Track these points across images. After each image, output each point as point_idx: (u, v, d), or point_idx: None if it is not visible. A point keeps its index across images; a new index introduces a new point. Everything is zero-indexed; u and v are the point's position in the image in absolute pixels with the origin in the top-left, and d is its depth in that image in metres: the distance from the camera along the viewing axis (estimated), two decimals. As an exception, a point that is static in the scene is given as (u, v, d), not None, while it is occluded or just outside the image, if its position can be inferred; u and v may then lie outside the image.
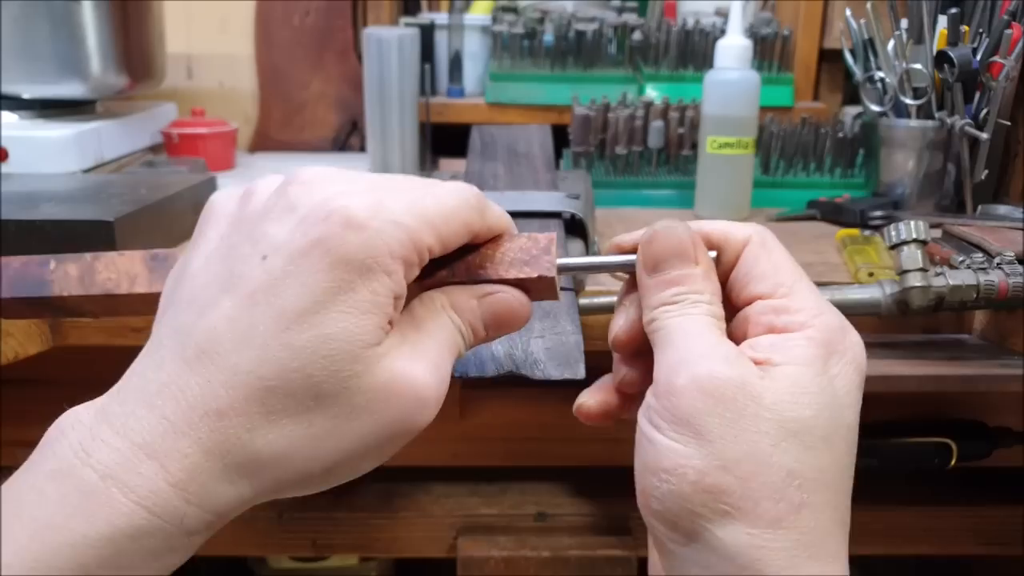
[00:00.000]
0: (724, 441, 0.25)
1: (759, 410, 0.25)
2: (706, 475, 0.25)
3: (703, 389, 0.25)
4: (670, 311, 0.28)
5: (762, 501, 0.25)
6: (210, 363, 0.24)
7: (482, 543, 0.70)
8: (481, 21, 1.03)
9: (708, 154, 0.78)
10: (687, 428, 0.25)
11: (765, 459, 0.25)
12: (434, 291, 0.28)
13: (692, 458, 0.25)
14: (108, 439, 0.23)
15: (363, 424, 0.25)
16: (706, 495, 0.25)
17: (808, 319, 0.27)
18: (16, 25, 0.78)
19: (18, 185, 0.67)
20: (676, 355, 0.27)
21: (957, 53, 0.72)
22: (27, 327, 0.54)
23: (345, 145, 1.12)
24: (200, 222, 0.27)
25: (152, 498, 0.23)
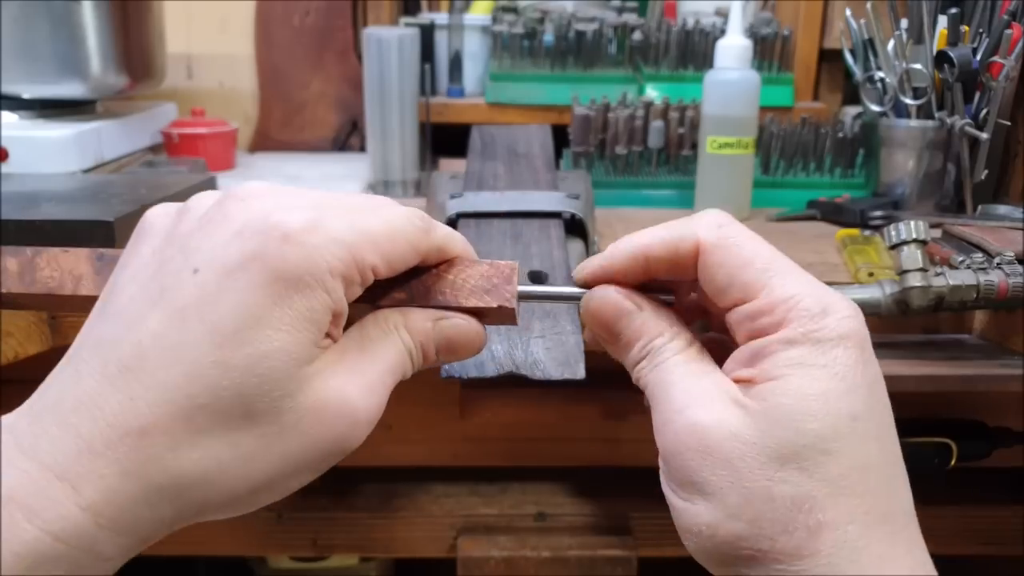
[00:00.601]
0: (723, 492, 0.25)
1: (746, 450, 0.25)
2: (718, 529, 0.25)
3: (690, 446, 0.26)
4: (644, 367, 0.28)
5: (777, 537, 0.25)
6: (134, 379, 0.23)
7: (482, 543, 0.70)
8: (481, 21, 1.03)
9: (708, 154, 0.78)
10: (690, 488, 0.26)
11: (765, 496, 0.25)
12: (390, 310, 0.28)
13: (702, 516, 0.26)
14: (14, 459, 0.22)
15: (292, 444, 0.24)
16: (726, 546, 0.25)
17: (784, 314, 0.25)
18: (16, 25, 0.78)
19: (18, 185, 0.67)
20: (661, 416, 0.27)
21: (957, 53, 0.72)
22: (27, 327, 0.54)
23: (345, 145, 1.12)
24: (133, 236, 0.26)
25: (60, 523, 0.22)
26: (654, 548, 0.72)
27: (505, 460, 0.74)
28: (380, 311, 0.28)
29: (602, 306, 0.29)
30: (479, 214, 0.61)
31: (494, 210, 0.61)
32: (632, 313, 0.28)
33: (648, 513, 0.73)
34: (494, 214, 0.61)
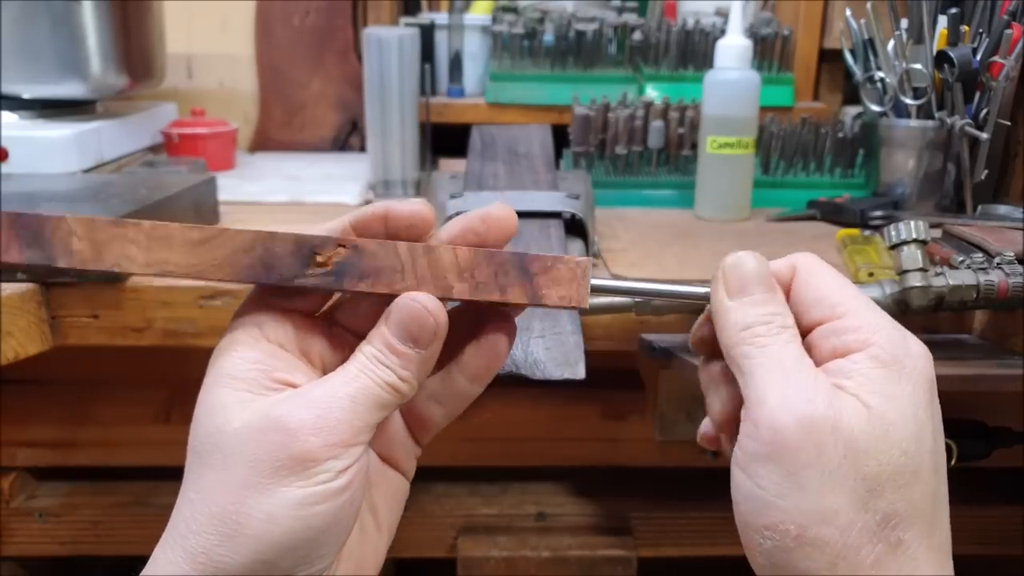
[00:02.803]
0: (823, 492, 0.25)
1: (858, 456, 0.25)
2: (807, 529, 0.25)
3: (809, 435, 0.26)
4: (759, 334, 0.28)
5: (862, 548, 0.25)
6: None
7: (482, 543, 0.70)
8: (481, 21, 1.03)
9: (708, 154, 0.78)
10: (789, 480, 0.26)
11: (863, 506, 0.25)
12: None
13: (792, 513, 0.25)
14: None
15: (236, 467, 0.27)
16: (809, 548, 0.25)
17: (869, 336, 0.27)
18: (16, 25, 0.78)
19: (18, 185, 0.67)
20: (775, 389, 0.26)
21: (957, 53, 0.72)
22: (27, 327, 0.54)
23: (345, 145, 1.12)
24: None
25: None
26: (654, 548, 0.72)
27: (505, 460, 0.74)
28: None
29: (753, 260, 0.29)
30: (479, 214, 0.61)
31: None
32: (773, 286, 0.29)
33: (648, 513, 0.73)
34: (494, 214, 0.61)
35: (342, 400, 0.27)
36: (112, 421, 0.70)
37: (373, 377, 0.28)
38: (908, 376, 0.27)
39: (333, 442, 0.27)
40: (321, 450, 0.27)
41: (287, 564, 0.27)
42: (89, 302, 0.55)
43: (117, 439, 0.70)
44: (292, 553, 0.27)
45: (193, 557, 0.27)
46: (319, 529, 0.27)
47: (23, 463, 0.71)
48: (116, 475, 0.73)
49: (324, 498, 0.27)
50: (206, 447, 0.28)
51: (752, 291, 0.29)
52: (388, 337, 0.29)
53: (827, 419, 0.26)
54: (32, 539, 0.71)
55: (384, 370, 0.28)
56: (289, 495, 0.26)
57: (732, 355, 0.28)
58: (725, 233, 0.74)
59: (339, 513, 0.28)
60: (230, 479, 0.27)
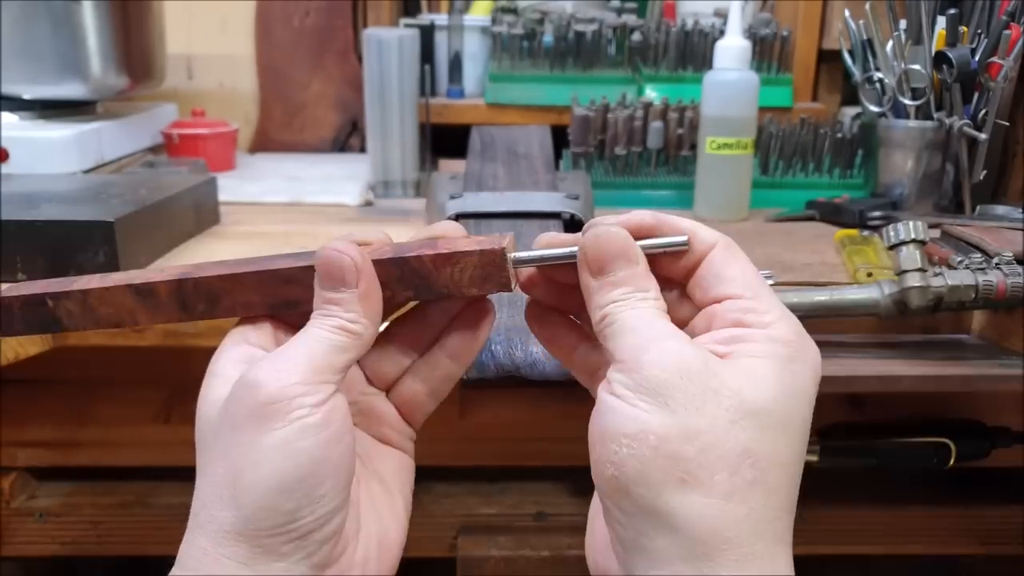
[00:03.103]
0: (687, 412, 0.26)
1: (720, 387, 0.26)
2: (667, 441, 0.26)
3: (671, 363, 0.27)
4: (621, 306, 0.29)
5: (717, 473, 0.26)
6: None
7: (482, 543, 0.70)
8: (481, 22, 1.03)
9: (707, 154, 0.78)
10: (654, 397, 0.26)
11: (723, 433, 0.26)
12: None
13: (655, 425, 0.26)
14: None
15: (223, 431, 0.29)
16: (665, 460, 0.26)
17: (773, 320, 0.28)
18: (16, 25, 0.78)
19: (18, 186, 0.67)
20: (641, 336, 0.28)
21: (956, 54, 0.72)
22: (28, 327, 0.54)
23: (345, 145, 1.12)
24: None
25: None
26: (653, 548, 0.72)
27: (505, 460, 0.74)
28: None
29: (611, 237, 0.30)
30: (479, 215, 0.61)
31: (493, 211, 0.61)
32: (634, 259, 0.30)
33: (647, 513, 0.73)
34: (493, 215, 0.61)
35: (297, 348, 0.30)
36: (112, 421, 0.70)
37: (322, 326, 0.31)
38: (798, 361, 0.28)
39: (295, 381, 0.29)
40: (285, 390, 0.28)
41: (288, 507, 0.28)
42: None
43: (117, 439, 0.70)
44: (288, 494, 0.28)
45: (204, 529, 0.29)
46: (307, 467, 0.28)
47: (23, 463, 0.71)
48: (116, 475, 0.73)
49: (303, 434, 0.28)
50: (201, 435, 0.30)
51: (614, 269, 0.30)
52: (321, 292, 0.31)
53: (697, 356, 0.27)
54: (32, 539, 0.71)
55: (329, 318, 0.31)
56: (269, 439, 0.28)
57: (598, 329, 0.30)
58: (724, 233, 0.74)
59: (325, 449, 0.29)
60: (220, 448, 0.29)
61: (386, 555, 0.33)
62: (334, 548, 0.30)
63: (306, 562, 0.29)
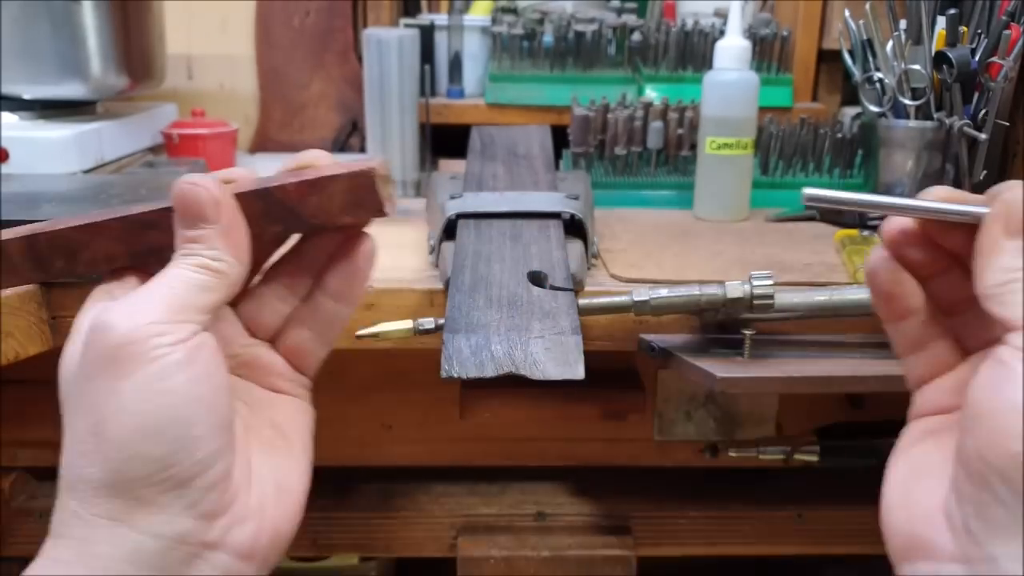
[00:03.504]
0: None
1: None
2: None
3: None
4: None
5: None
6: None
7: (482, 543, 0.70)
8: (481, 22, 1.03)
9: (707, 155, 0.78)
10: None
11: None
12: None
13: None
14: None
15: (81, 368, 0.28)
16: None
17: None
18: (16, 25, 0.78)
19: (18, 186, 0.67)
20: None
21: (956, 54, 0.72)
22: (27, 327, 0.54)
23: (345, 146, 1.12)
24: None
25: None
26: (653, 548, 0.72)
27: (505, 460, 0.74)
28: None
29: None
30: (479, 215, 0.61)
31: (493, 211, 0.61)
32: None
33: (647, 513, 0.73)
34: (493, 215, 0.61)
35: (153, 289, 0.28)
36: (112, 421, 0.70)
37: (182, 265, 0.29)
38: None
39: (149, 320, 0.27)
40: (137, 330, 0.27)
41: (158, 452, 0.27)
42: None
43: (117, 439, 0.70)
44: (156, 439, 0.27)
45: (74, 490, 0.27)
46: (174, 408, 0.27)
47: (23, 463, 0.71)
48: (116, 475, 0.73)
49: (164, 374, 0.27)
50: (63, 394, 0.29)
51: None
52: (181, 232, 0.29)
53: None
54: (32, 539, 0.71)
55: (191, 256, 0.29)
56: (128, 384, 0.27)
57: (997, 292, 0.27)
58: (724, 233, 0.74)
59: (192, 388, 0.27)
60: (79, 401, 0.28)
61: (286, 500, 0.32)
62: (222, 495, 0.28)
63: (190, 512, 0.27)
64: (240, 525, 0.29)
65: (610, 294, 0.53)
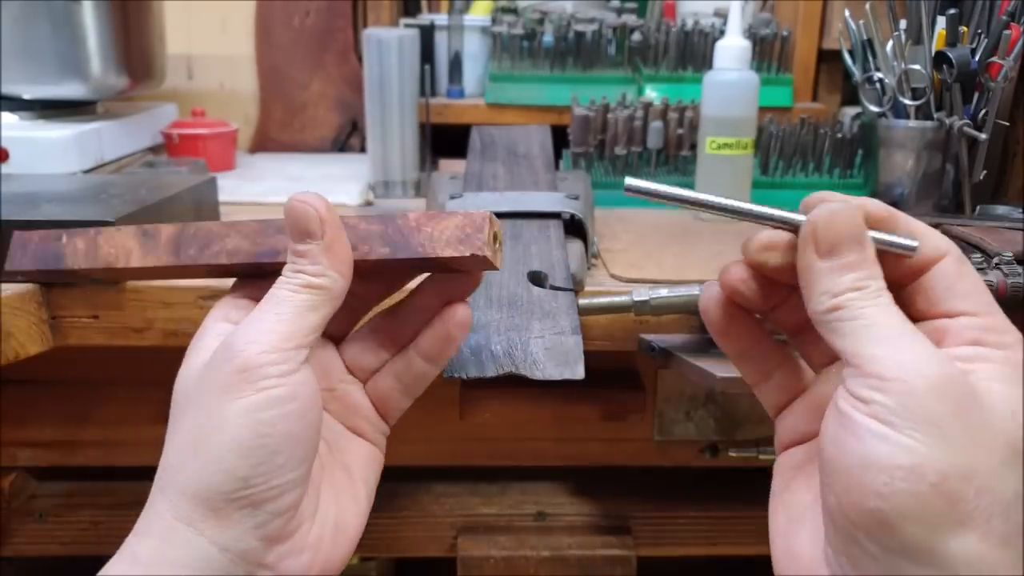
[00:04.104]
0: (965, 449, 0.24)
1: (991, 422, 0.25)
2: (947, 479, 0.24)
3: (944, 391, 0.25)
4: (858, 298, 0.26)
5: (994, 518, 0.24)
6: None
7: (482, 543, 0.70)
8: (481, 22, 1.03)
9: (707, 155, 0.78)
10: (931, 429, 0.24)
11: (997, 474, 0.24)
12: None
13: (934, 460, 0.24)
14: None
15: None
16: (944, 500, 0.24)
17: (1013, 342, 0.27)
18: (16, 25, 0.78)
19: (18, 186, 0.67)
20: (898, 348, 0.25)
21: (956, 54, 0.72)
22: (27, 327, 0.54)
23: (345, 146, 1.12)
24: None
25: None
26: (653, 548, 0.72)
27: (505, 460, 0.74)
28: None
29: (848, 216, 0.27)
30: (479, 214, 0.61)
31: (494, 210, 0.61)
32: (867, 245, 0.27)
33: (647, 513, 0.73)
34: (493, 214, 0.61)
35: (266, 313, 0.30)
36: (112, 421, 0.70)
37: (288, 286, 0.31)
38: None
39: (265, 348, 0.29)
40: (257, 357, 0.29)
41: (243, 472, 0.29)
42: (89, 302, 0.56)
43: (117, 439, 0.70)
44: (244, 459, 0.29)
45: (165, 492, 0.30)
46: (269, 436, 0.29)
47: (23, 463, 0.71)
48: (116, 475, 0.73)
49: (269, 404, 0.29)
50: (176, 402, 0.32)
51: (845, 252, 0.27)
52: (292, 245, 0.32)
53: (965, 382, 0.25)
54: (32, 539, 0.71)
55: (296, 275, 0.31)
56: (238, 405, 0.29)
57: (825, 319, 0.27)
58: (724, 233, 0.74)
59: (288, 423, 0.29)
60: (191, 412, 0.30)
61: (341, 539, 0.33)
62: (287, 523, 0.30)
63: (256, 533, 0.29)
64: (296, 555, 0.31)
65: (610, 294, 0.53)
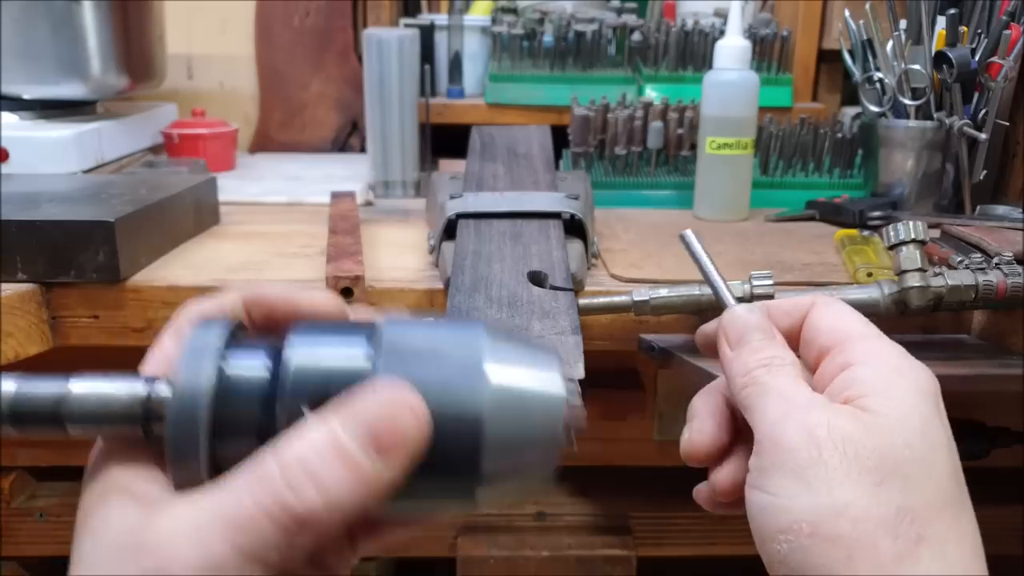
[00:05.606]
0: (831, 487, 0.26)
1: (859, 450, 0.26)
2: (820, 524, 0.25)
3: (807, 438, 0.27)
4: (760, 373, 0.30)
5: (880, 541, 0.25)
6: None
7: (482, 543, 0.70)
8: (481, 22, 1.03)
9: (707, 155, 0.78)
10: (796, 481, 0.26)
11: (872, 499, 0.26)
12: None
13: (805, 511, 0.26)
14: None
15: None
16: (826, 544, 0.25)
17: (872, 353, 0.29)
18: (16, 25, 0.78)
19: (18, 185, 0.67)
20: (775, 410, 0.28)
21: (956, 54, 0.72)
22: (27, 327, 0.54)
23: (345, 146, 1.12)
24: None
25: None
26: (653, 548, 0.72)
27: (505, 460, 0.74)
28: None
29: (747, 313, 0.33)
30: (479, 215, 0.61)
31: (494, 211, 0.61)
32: (770, 333, 0.32)
33: (647, 513, 0.73)
34: (494, 214, 0.61)
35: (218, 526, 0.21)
36: (112, 421, 0.70)
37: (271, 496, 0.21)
38: (909, 381, 0.29)
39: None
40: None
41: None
42: (89, 302, 0.56)
43: (117, 439, 0.70)
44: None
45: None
46: None
47: (23, 463, 0.71)
48: (116, 475, 0.73)
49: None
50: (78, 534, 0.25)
51: (750, 340, 0.31)
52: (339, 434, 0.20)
53: (822, 423, 0.27)
54: (32, 539, 0.71)
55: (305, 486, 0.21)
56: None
57: (739, 398, 0.30)
58: (724, 233, 0.74)
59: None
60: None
61: None
62: None
63: None
64: None
65: (610, 294, 0.53)
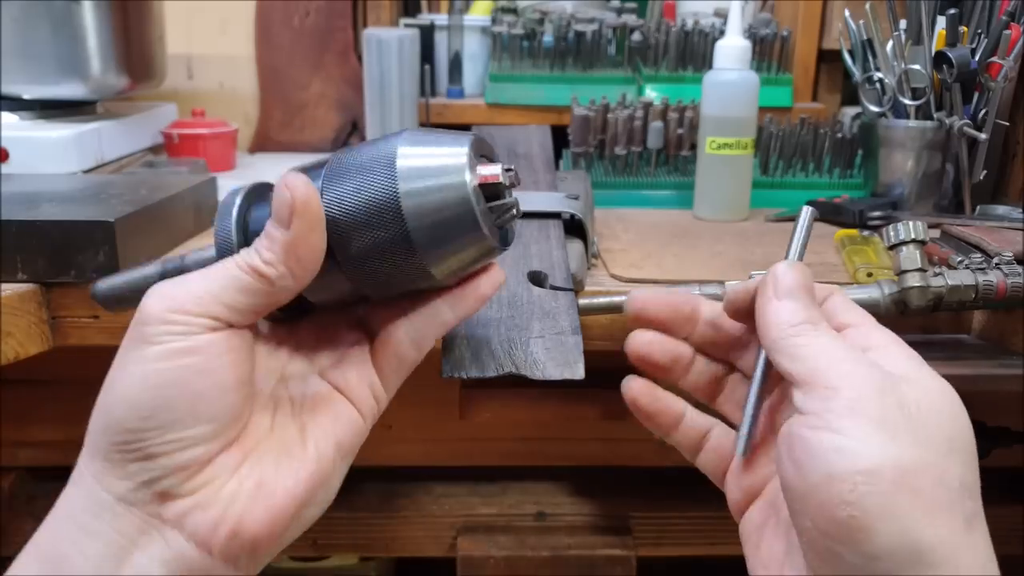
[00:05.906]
0: (915, 444, 0.26)
1: (930, 417, 0.27)
2: (905, 474, 0.25)
3: (885, 393, 0.27)
4: (809, 331, 0.30)
5: (954, 505, 0.26)
6: None
7: (482, 543, 0.70)
8: (481, 22, 1.03)
9: (707, 155, 0.78)
10: (879, 430, 0.26)
11: (946, 465, 0.26)
12: None
13: (889, 458, 0.25)
14: None
15: None
16: (907, 495, 0.25)
17: (883, 341, 0.31)
18: (16, 25, 0.78)
19: (18, 185, 0.67)
20: (845, 358, 0.28)
21: (956, 54, 0.72)
22: (27, 327, 0.54)
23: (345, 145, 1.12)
24: None
25: None
26: (653, 548, 0.72)
27: (505, 460, 0.74)
28: None
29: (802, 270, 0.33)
30: (479, 214, 0.61)
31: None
32: (813, 291, 0.34)
33: (647, 513, 0.73)
34: (494, 214, 0.61)
35: (195, 277, 0.29)
36: (112, 421, 0.70)
37: (237, 260, 0.29)
38: (928, 368, 0.30)
39: (170, 307, 0.28)
40: (159, 314, 0.28)
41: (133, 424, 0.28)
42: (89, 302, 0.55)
43: (117, 439, 0.70)
44: (134, 412, 0.28)
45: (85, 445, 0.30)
46: (160, 388, 0.28)
47: (23, 463, 0.71)
48: (116, 475, 0.73)
49: (162, 357, 0.28)
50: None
51: (799, 296, 0.32)
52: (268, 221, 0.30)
53: (899, 385, 0.27)
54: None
55: (249, 253, 0.29)
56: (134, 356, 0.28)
57: (781, 344, 0.30)
58: (724, 233, 0.74)
59: (183, 375, 0.28)
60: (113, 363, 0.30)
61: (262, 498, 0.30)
62: (188, 479, 0.29)
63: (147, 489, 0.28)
64: (202, 510, 0.29)
65: (610, 294, 0.53)
